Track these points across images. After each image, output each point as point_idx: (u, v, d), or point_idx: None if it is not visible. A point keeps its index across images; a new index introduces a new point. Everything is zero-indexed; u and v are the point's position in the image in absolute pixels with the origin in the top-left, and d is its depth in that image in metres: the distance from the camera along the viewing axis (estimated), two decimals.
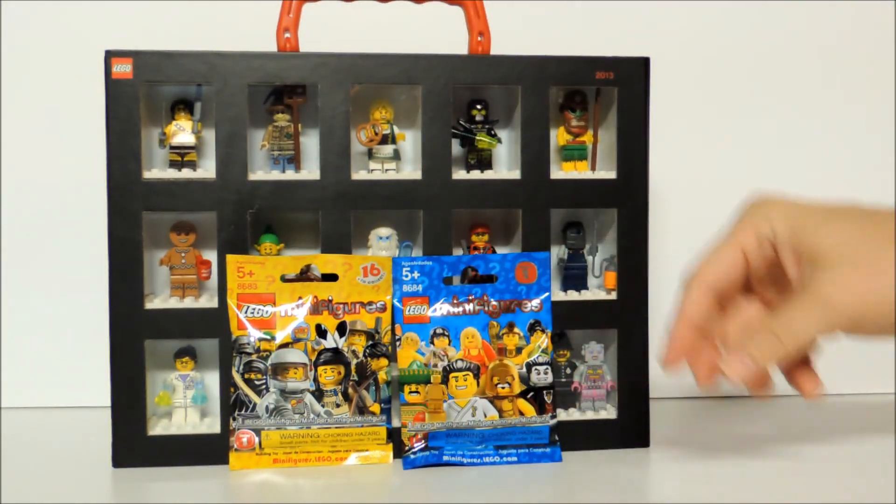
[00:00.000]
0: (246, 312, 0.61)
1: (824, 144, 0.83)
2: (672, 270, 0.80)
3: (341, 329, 0.62)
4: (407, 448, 0.62)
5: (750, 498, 0.57)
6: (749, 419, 0.75)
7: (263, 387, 0.61)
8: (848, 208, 0.53)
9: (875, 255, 0.49)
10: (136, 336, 0.62)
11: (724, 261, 0.54)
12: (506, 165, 0.71)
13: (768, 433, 0.71)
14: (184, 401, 0.64)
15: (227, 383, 0.62)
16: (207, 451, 0.62)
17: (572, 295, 0.67)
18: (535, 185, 0.65)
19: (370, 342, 0.62)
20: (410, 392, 0.62)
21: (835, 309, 0.50)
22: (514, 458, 0.62)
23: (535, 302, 0.64)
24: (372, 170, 0.66)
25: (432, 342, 0.63)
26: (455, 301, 0.64)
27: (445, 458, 0.62)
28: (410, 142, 0.69)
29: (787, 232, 0.53)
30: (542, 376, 0.63)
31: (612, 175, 0.66)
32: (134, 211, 0.61)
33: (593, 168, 0.69)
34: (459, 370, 0.62)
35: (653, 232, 0.67)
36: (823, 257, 0.50)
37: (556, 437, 0.63)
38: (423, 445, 0.62)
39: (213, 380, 0.66)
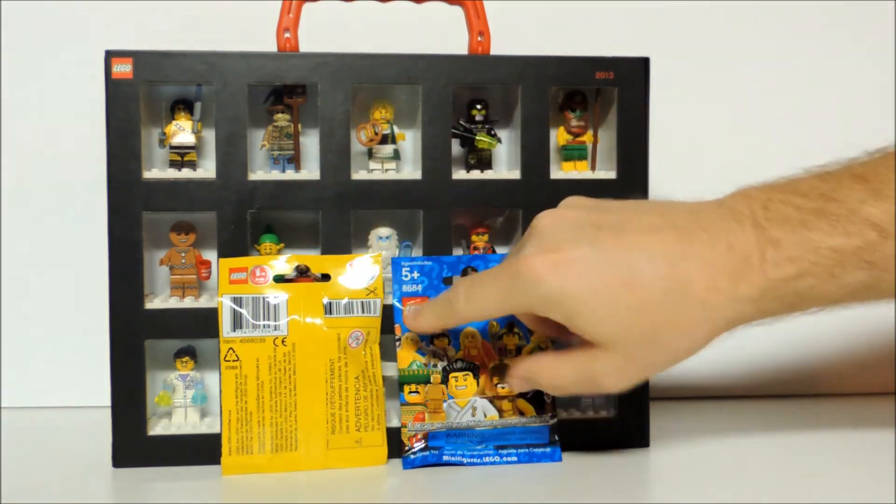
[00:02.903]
0: None
1: (825, 146, 0.82)
2: None
3: None
4: (407, 448, 0.62)
5: (750, 498, 0.57)
6: (749, 419, 0.75)
7: None
8: (626, 297, 0.51)
9: (645, 353, 0.53)
10: (136, 336, 0.62)
11: (490, 314, 0.57)
12: (506, 165, 0.71)
13: (768, 433, 0.70)
14: (184, 401, 0.64)
15: None
16: (208, 451, 0.62)
17: None
18: (535, 185, 0.65)
19: None
20: (410, 392, 0.62)
21: (601, 385, 0.55)
22: (514, 458, 0.62)
23: None
24: (372, 170, 0.66)
25: (432, 342, 0.63)
26: None
27: (445, 457, 0.62)
28: (410, 142, 0.69)
29: (563, 319, 0.53)
30: None
31: (612, 175, 0.66)
32: (134, 211, 0.61)
33: (593, 168, 0.69)
34: (459, 370, 0.62)
35: None
36: (599, 346, 0.53)
37: (556, 437, 0.63)
38: (422, 445, 0.62)
39: (213, 380, 0.66)
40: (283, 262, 0.63)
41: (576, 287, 0.51)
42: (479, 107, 0.68)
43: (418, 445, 0.62)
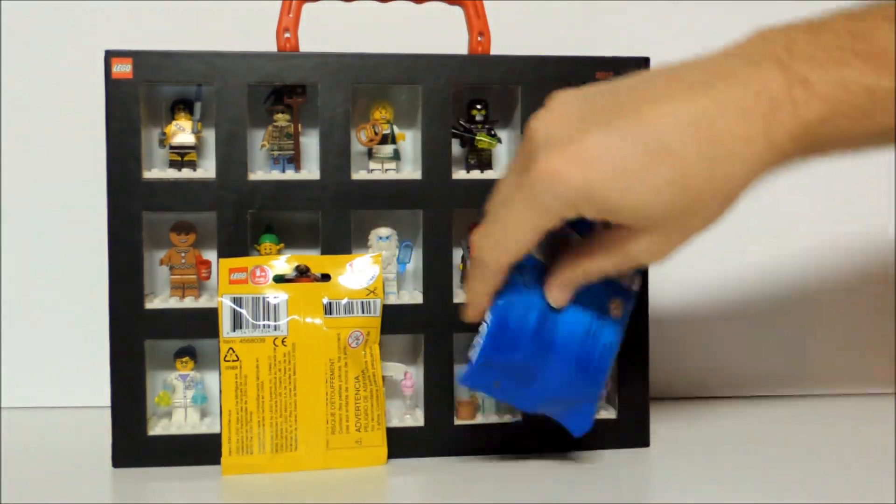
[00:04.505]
0: None
1: None
2: (672, 271, 0.81)
3: None
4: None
5: (750, 498, 0.57)
6: (749, 419, 0.75)
7: None
8: (661, 169, 0.47)
9: (684, 219, 0.49)
10: (136, 336, 0.62)
11: (525, 243, 0.51)
12: (506, 165, 0.71)
13: (768, 433, 0.71)
14: (184, 401, 0.64)
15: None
16: (207, 451, 0.62)
17: None
18: None
19: None
20: None
21: (641, 263, 0.52)
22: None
23: None
24: (372, 170, 0.66)
25: None
26: None
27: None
28: (410, 142, 0.69)
29: (599, 214, 0.49)
30: None
31: None
32: (134, 211, 0.61)
33: None
34: None
35: None
36: (637, 226, 0.49)
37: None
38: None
39: (213, 380, 0.66)
40: (283, 262, 0.63)
41: (605, 175, 0.47)
42: (479, 107, 0.68)
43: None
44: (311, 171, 0.65)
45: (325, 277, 0.63)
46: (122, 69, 0.61)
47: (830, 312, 0.84)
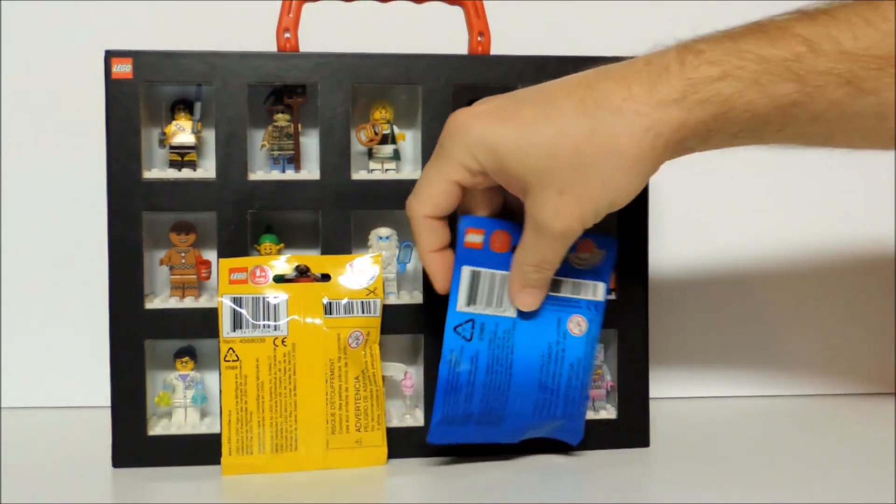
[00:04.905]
0: None
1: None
2: (672, 270, 0.81)
3: None
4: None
5: (750, 498, 0.57)
6: (749, 419, 0.75)
7: None
8: (544, 127, 0.51)
9: (576, 179, 0.51)
10: (136, 336, 0.62)
11: (437, 193, 0.55)
12: None
13: (768, 433, 0.71)
14: (184, 401, 0.64)
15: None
16: (207, 451, 0.62)
17: None
18: None
19: None
20: None
21: (560, 233, 0.53)
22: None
23: None
24: (372, 170, 0.66)
25: None
26: None
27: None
28: (410, 142, 0.69)
29: (493, 165, 0.53)
30: None
31: None
32: (134, 211, 0.61)
33: None
34: None
35: (653, 232, 0.67)
36: (531, 186, 0.52)
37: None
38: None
39: (213, 380, 0.66)
40: (283, 262, 0.63)
41: (497, 129, 0.52)
42: None
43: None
44: (311, 171, 0.65)
45: (325, 277, 0.63)
46: (122, 69, 0.61)
47: (830, 312, 0.84)
